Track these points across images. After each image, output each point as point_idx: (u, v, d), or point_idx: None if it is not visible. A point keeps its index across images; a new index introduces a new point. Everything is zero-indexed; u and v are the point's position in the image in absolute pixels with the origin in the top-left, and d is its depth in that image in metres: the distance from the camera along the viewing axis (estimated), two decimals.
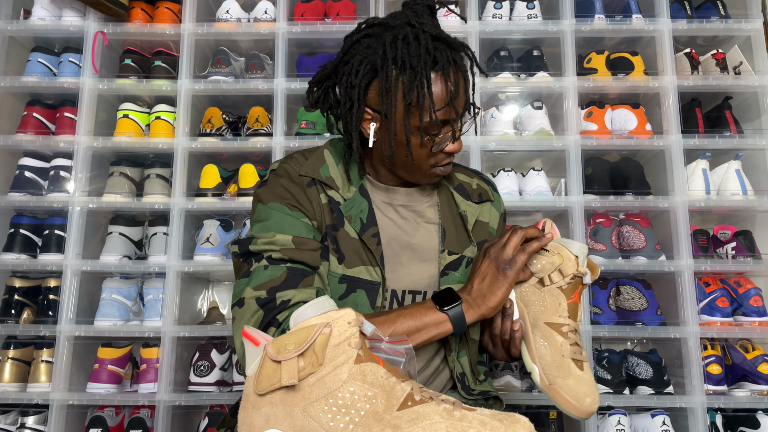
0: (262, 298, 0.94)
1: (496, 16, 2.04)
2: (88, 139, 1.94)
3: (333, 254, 1.03)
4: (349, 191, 1.07)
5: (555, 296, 1.01)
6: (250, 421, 0.76)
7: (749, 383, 1.81)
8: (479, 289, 0.98)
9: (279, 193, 1.03)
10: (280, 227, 1.00)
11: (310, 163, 1.07)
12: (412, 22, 0.98)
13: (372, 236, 1.05)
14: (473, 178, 1.21)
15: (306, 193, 1.03)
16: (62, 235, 1.91)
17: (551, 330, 0.99)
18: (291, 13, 2.05)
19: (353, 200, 1.06)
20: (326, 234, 1.03)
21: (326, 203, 1.05)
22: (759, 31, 2.01)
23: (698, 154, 1.96)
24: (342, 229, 1.04)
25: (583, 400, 0.96)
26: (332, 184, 1.06)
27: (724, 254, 1.94)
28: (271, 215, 1.01)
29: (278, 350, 0.75)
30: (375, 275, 1.03)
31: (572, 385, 0.96)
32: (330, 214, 1.04)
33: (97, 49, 1.99)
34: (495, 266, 0.98)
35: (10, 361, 1.84)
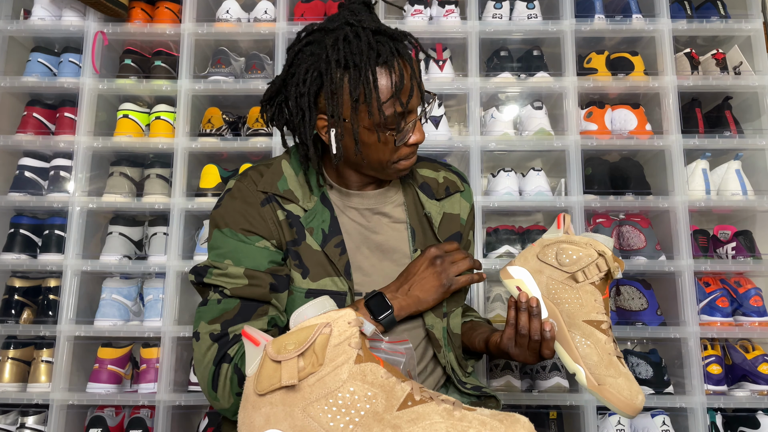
0: (216, 333, 0.95)
1: (496, 16, 2.04)
2: (88, 139, 1.94)
3: (295, 270, 1.02)
4: (311, 201, 1.05)
5: (590, 293, 0.98)
6: (250, 421, 0.76)
7: (749, 383, 1.81)
8: (416, 295, 1.01)
9: (233, 218, 1.01)
10: (234, 257, 0.99)
11: (267, 178, 1.06)
12: (350, 20, 0.97)
13: (335, 246, 1.04)
14: (440, 171, 1.19)
15: (260, 213, 1.02)
16: (62, 235, 1.91)
17: (591, 328, 0.96)
18: (291, 13, 2.05)
19: (314, 210, 1.05)
20: (287, 250, 1.03)
21: (284, 219, 1.03)
22: (759, 31, 2.01)
23: (698, 154, 1.96)
24: (304, 242, 1.03)
25: (636, 397, 0.93)
26: (291, 196, 1.04)
27: (724, 254, 1.94)
28: (225, 243, 1.01)
29: (278, 350, 0.75)
30: (341, 285, 1.03)
31: (623, 383, 0.93)
32: (289, 230, 1.03)
33: (97, 49, 1.99)
34: (437, 278, 1.01)
35: (10, 361, 1.84)
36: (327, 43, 0.97)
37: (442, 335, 1.07)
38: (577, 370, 0.95)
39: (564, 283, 0.99)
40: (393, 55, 0.96)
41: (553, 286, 1.00)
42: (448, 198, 1.16)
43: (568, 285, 0.99)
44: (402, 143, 1.00)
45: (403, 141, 1.00)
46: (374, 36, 0.96)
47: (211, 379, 0.93)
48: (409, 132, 1.00)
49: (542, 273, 1.03)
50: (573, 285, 0.99)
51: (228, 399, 0.93)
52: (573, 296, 0.98)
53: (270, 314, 0.99)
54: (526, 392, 1.82)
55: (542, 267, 1.03)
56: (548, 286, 1.00)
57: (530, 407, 1.85)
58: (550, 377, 1.80)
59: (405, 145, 1.01)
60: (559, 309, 0.99)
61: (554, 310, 0.99)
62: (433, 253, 1.02)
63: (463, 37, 2.02)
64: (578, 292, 0.98)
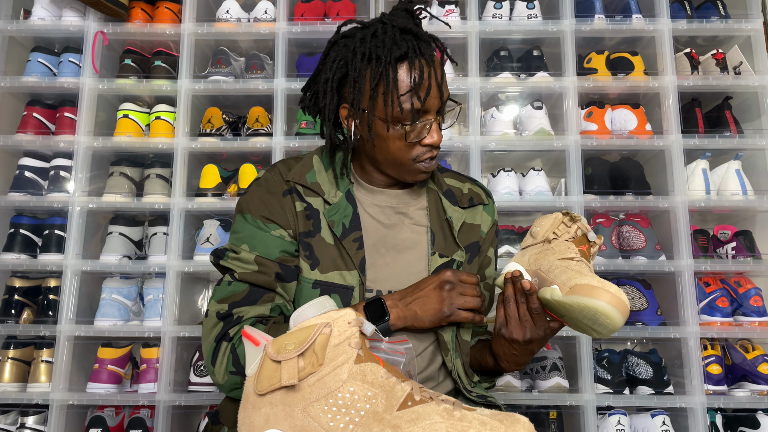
0: (222, 312, 1.01)
1: (496, 16, 2.04)
2: (88, 139, 1.94)
3: (305, 261, 1.05)
4: (336, 196, 1.09)
5: (563, 244, 1.01)
6: (250, 421, 0.76)
7: (749, 383, 1.81)
8: (415, 310, 1.00)
9: (255, 205, 1.07)
10: (250, 242, 1.04)
11: (297, 169, 1.11)
12: (384, 19, 1.03)
13: (353, 241, 1.06)
14: (465, 183, 1.22)
15: (281, 203, 1.07)
16: (62, 235, 1.91)
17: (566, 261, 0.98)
18: (291, 13, 2.05)
19: (338, 205, 1.08)
20: (299, 241, 1.06)
21: (302, 211, 1.07)
22: (759, 31, 2.01)
23: (698, 154, 1.96)
24: (318, 235, 1.06)
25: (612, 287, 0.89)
26: (318, 189, 1.08)
27: (724, 254, 1.94)
28: (244, 228, 1.06)
29: (278, 350, 0.75)
30: (349, 280, 1.04)
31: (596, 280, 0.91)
32: (305, 221, 1.06)
33: (97, 49, 1.99)
34: (440, 303, 1.00)
35: (10, 361, 1.84)
36: (358, 36, 1.03)
37: (451, 339, 1.08)
38: (552, 290, 0.95)
39: (541, 250, 1.03)
40: (415, 53, 1.00)
41: (533, 258, 1.03)
42: (471, 208, 1.18)
43: (545, 249, 1.02)
44: (416, 141, 1.02)
45: (416, 139, 1.02)
46: (401, 34, 1.01)
47: (211, 354, 0.99)
48: (423, 130, 1.02)
49: (524, 255, 1.06)
50: (548, 247, 1.02)
51: (223, 375, 0.98)
52: (548, 253, 1.01)
53: (276, 302, 1.03)
54: (526, 392, 1.82)
55: (524, 252, 1.07)
56: (528, 260, 1.03)
57: (530, 407, 1.85)
58: (550, 377, 1.80)
59: (420, 144, 1.02)
60: (538, 267, 1.01)
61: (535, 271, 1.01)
62: (446, 277, 1.01)
63: (463, 37, 2.02)
64: (552, 248, 1.01)
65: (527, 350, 1.02)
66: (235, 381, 0.97)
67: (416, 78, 0.99)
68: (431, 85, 1.00)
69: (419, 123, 1.01)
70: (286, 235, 1.05)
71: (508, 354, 1.04)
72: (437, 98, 1.01)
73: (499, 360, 1.06)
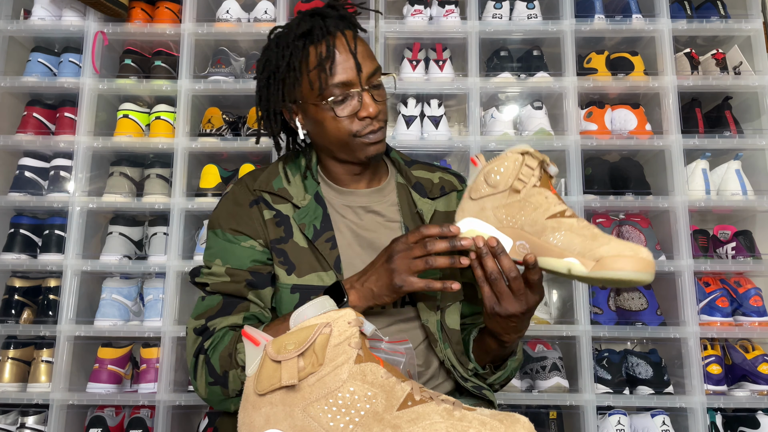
0: (199, 327, 1.02)
1: (496, 16, 2.04)
2: (88, 139, 1.94)
3: (280, 267, 1.05)
4: (305, 199, 1.09)
5: (538, 193, 0.90)
6: (250, 421, 0.76)
7: (749, 383, 1.81)
8: (370, 288, 0.97)
9: (224, 219, 1.08)
10: (222, 256, 1.06)
11: (263, 177, 1.12)
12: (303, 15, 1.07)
13: (326, 241, 1.06)
14: (435, 172, 1.20)
15: (248, 214, 1.08)
16: (62, 235, 1.91)
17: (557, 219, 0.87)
18: (291, 13, 2.05)
19: (307, 208, 1.08)
20: (271, 249, 1.06)
21: (271, 219, 1.07)
22: (759, 31, 2.01)
23: (698, 154, 1.96)
24: (291, 240, 1.07)
25: (640, 250, 0.82)
26: (285, 194, 1.09)
27: (724, 254, 1.94)
28: (215, 243, 1.08)
29: (278, 350, 0.75)
30: (328, 280, 1.04)
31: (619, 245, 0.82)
32: (276, 229, 1.07)
33: (97, 49, 1.99)
34: (389, 276, 0.94)
35: (10, 361, 1.84)
36: (274, 33, 1.09)
37: (436, 329, 1.07)
38: (569, 264, 0.84)
39: (508, 202, 0.91)
40: (321, 30, 1.02)
41: (501, 212, 0.91)
42: (443, 197, 1.17)
43: (513, 200, 0.91)
44: (349, 115, 1.02)
45: (350, 113, 1.02)
46: (310, 17, 1.04)
47: (192, 370, 1.00)
48: (354, 104, 1.02)
49: (484, 209, 0.93)
50: (517, 197, 0.91)
51: (204, 389, 0.99)
52: (524, 207, 0.90)
53: (251, 311, 1.03)
54: (526, 392, 1.82)
55: (481, 204, 0.94)
56: (497, 216, 0.91)
57: (530, 407, 1.85)
58: (550, 377, 1.80)
59: (358, 119, 1.02)
60: (519, 226, 0.90)
61: (515, 231, 0.90)
62: (393, 249, 0.96)
63: (463, 37, 2.02)
64: (526, 200, 0.90)
65: (527, 317, 0.96)
66: (215, 392, 0.98)
67: (323, 52, 1.01)
68: (335, 54, 1.01)
69: (346, 97, 1.02)
70: (256, 245, 1.06)
71: (507, 327, 0.97)
72: (353, 69, 1.01)
73: (499, 336, 1.00)
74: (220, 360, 0.97)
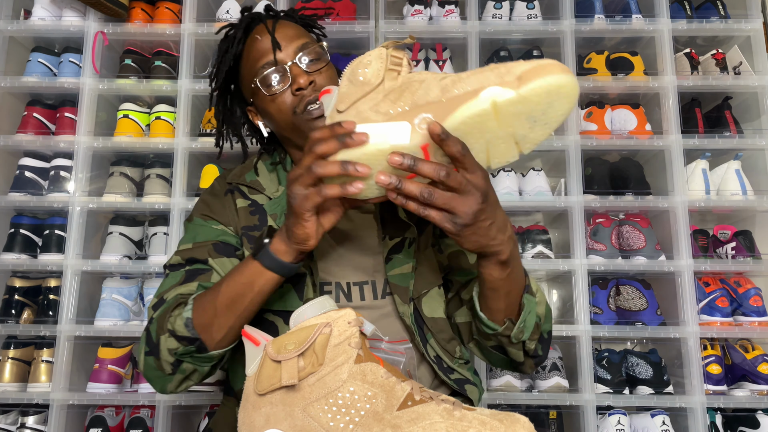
0: (155, 303, 0.97)
1: (496, 16, 2.04)
2: (88, 139, 1.94)
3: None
4: (278, 191, 1.10)
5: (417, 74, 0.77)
6: (250, 421, 0.76)
7: (749, 383, 1.81)
8: (287, 224, 0.85)
9: (198, 208, 1.11)
10: (191, 237, 1.06)
11: (237, 170, 1.15)
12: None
13: None
14: None
15: (222, 202, 1.09)
16: (62, 235, 1.91)
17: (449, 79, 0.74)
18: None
19: (280, 199, 1.09)
20: (243, 235, 1.06)
21: (245, 207, 1.08)
22: (759, 31, 2.01)
23: (698, 154, 1.96)
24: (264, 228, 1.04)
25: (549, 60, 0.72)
26: (258, 186, 1.10)
27: (724, 254, 1.94)
28: (188, 229, 1.09)
29: (278, 350, 0.75)
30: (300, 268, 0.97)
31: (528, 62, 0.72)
32: (249, 217, 1.08)
33: (97, 49, 1.99)
34: (296, 203, 0.80)
35: (10, 361, 1.85)
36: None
37: (411, 321, 1.00)
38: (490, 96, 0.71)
39: (387, 94, 0.77)
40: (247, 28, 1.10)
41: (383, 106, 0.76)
42: None
43: (393, 89, 0.77)
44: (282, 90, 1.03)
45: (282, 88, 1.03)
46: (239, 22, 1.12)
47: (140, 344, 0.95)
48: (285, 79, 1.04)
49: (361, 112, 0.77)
50: (396, 84, 0.77)
51: (142, 362, 0.93)
52: (408, 87, 0.76)
53: (211, 280, 0.99)
54: (526, 392, 1.82)
55: (355, 110, 0.78)
56: (379, 111, 0.76)
57: (530, 407, 1.85)
58: (550, 377, 1.80)
59: (293, 94, 1.03)
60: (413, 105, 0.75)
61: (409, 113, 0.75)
62: (292, 174, 0.80)
63: (463, 37, 2.02)
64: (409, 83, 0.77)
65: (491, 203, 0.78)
66: (150, 364, 0.92)
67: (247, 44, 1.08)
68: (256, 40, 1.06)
69: (272, 75, 1.04)
70: (227, 230, 1.07)
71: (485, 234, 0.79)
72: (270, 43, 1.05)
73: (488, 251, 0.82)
74: (156, 325, 0.91)
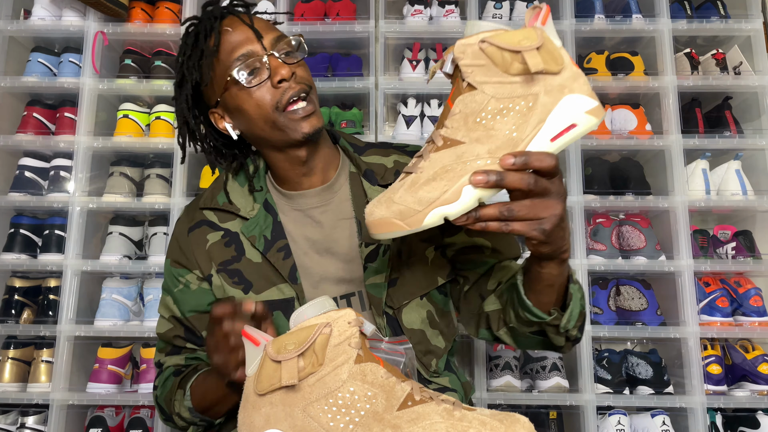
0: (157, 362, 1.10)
1: (496, 16, 2.04)
2: (88, 139, 1.94)
3: (235, 287, 1.01)
4: (253, 210, 1.03)
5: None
6: (250, 421, 0.76)
7: (749, 383, 1.81)
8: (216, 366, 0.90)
9: (171, 248, 1.07)
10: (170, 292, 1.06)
11: (208, 194, 1.07)
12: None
13: (278, 251, 1.00)
14: (391, 155, 1.08)
15: (189, 241, 1.04)
16: (62, 235, 1.91)
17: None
18: (291, 13, 2.05)
19: (257, 218, 1.02)
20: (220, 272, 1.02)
21: (217, 241, 1.02)
22: (759, 31, 2.01)
23: (698, 154, 1.96)
24: (244, 258, 1.01)
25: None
26: (231, 209, 1.03)
27: (724, 254, 1.94)
28: (166, 275, 1.07)
29: (278, 350, 0.75)
30: (287, 292, 0.99)
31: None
32: (223, 251, 1.02)
33: (97, 49, 1.99)
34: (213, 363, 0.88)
35: (10, 361, 1.85)
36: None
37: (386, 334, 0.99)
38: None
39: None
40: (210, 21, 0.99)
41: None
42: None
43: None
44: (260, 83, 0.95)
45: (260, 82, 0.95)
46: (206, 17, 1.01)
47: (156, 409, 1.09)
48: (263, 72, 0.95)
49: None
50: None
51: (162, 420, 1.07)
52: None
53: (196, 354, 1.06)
54: (526, 392, 1.82)
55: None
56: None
57: (530, 407, 1.85)
58: (549, 377, 1.80)
59: (273, 87, 0.94)
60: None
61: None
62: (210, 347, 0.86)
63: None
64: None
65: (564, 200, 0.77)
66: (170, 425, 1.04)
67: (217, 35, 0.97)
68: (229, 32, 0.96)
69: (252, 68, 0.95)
70: (193, 280, 1.03)
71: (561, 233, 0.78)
72: (252, 38, 0.96)
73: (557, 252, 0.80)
74: (165, 403, 1.02)
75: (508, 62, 0.73)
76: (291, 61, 0.96)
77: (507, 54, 0.73)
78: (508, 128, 0.73)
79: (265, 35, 0.96)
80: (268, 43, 0.96)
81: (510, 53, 0.73)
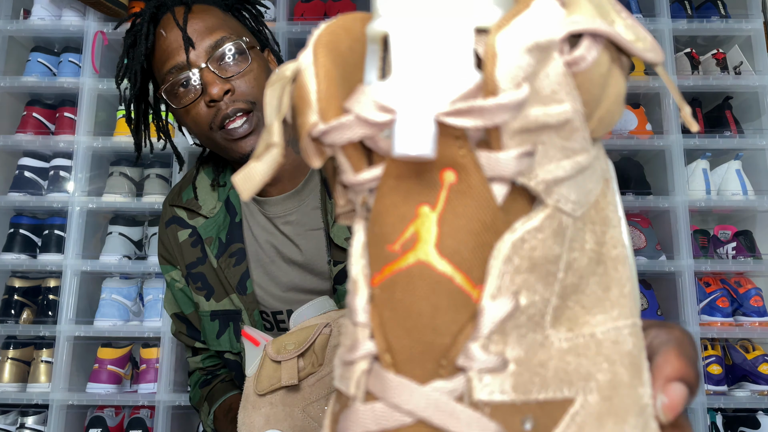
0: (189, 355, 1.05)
1: None
2: (87, 139, 1.94)
3: (199, 293, 0.93)
4: (215, 208, 0.94)
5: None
6: (250, 421, 0.76)
7: (749, 383, 1.81)
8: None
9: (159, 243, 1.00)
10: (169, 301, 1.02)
11: (176, 188, 1.00)
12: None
13: (230, 256, 0.91)
14: None
15: (166, 235, 0.96)
16: (62, 235, 1.91)
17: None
18: (291, 13, 2.05)
19: (216, 218, 0.93)
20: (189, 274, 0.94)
21: (186, 239, 0.94)
22: (759, 31, 2.01)
23: (698, 154, 1.96)
24: (207, 261, 0.93)
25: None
26: (193, 206, 0.94)
27: (725, 254, 1.94)
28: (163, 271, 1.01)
29: (278, 350, 0.75)
30: (238, 302, 0.90)
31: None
32: (191, 251, 0.93)
33: (97, 49, 1.99)
34: None
35: (10, 361, 1.84)
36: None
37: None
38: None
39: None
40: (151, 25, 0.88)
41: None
42: None
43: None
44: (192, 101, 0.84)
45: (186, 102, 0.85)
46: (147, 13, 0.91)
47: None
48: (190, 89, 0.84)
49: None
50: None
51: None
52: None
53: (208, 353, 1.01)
54: None
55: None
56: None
57: None
58: None
59: (207, 106, 0.84)
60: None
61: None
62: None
63: None
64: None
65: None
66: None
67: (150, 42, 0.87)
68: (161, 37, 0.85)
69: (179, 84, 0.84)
70: (178, 277, 0.97)
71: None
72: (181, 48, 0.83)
73: None
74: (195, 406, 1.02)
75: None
76: (228, 74, 0.83)
77: None
78: None
79: (198, 42, 0.83)
80: (201, 53, 0.83)
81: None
